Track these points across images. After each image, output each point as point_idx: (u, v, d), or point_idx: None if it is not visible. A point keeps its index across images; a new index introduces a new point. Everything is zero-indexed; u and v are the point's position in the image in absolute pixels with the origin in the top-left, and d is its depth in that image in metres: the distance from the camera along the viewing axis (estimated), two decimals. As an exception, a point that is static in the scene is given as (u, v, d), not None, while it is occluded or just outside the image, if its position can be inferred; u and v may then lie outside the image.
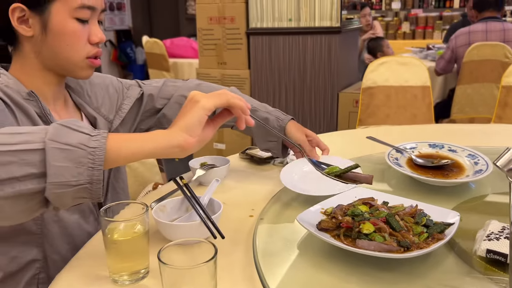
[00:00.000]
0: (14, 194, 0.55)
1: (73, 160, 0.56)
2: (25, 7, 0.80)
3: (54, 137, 0.56)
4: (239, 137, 2.81)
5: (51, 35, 0.82)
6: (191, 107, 0.67)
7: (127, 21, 6.79)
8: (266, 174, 1.14)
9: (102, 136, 0.59)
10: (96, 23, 0.87)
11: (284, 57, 2.65)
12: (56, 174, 0.55)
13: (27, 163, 0.55)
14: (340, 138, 1.53)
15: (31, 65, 0.85)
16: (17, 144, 0.55)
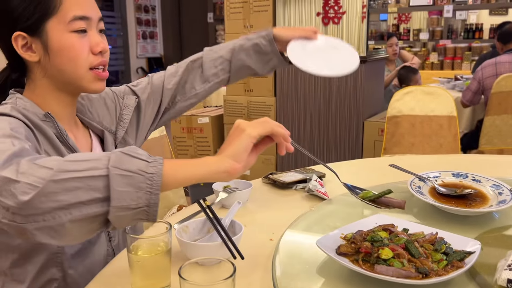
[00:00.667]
0: (81, 217, 0.59)
1: (133, 185, 0.60)
2: (25, 34, 0.83)
3: (116, 164, 0.60)
4: (264, 164, 2.83)
5: (53, 54, 0.84)
6: (237, 135, 0.71)
7: (158, 49, 7.01)
8: (288, 199, 1.15)
9: (159, 163, 0.63)
10: (95, 33, 0.87)
11: (310, 85, 2.69)
12: (119, 199, 0.59)
13: (92, 189, 0.59)
14: (364, 165, 1.54)
15: (43, 88, 0.88)
16: (83, 171, 0.60)
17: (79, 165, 0.60)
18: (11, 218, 0.59)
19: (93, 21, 0.87)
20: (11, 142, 0.67)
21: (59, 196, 0.58)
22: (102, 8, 6.31)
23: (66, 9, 0.83)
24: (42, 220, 0.58)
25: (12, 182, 0.59)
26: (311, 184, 1.15)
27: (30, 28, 0.83)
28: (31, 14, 0.82)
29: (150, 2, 6.81)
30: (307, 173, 1.26)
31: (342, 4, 2.62)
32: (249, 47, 1.10)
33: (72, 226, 0.60)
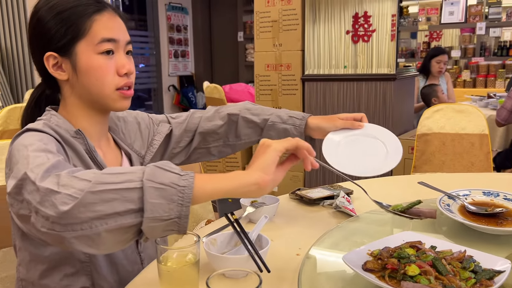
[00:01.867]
0: (116, 227, 0.63)
1: (166, 198, 0.63)
2: (56, 54, 0.88)
3: (150, 177, 0.64)
4: (292, 180, 2.83)
5: (81, 74, 0.89)
6: (264, 151, 0.75)
7: (190, 68, 7.15)
8: (315, 215, 1.16)
9: (190, 176, 0.66)
10: (122, 55, 0.92)
11: (339, 102, 2.69)
12: (152, 210, 0.63)
13: (127, 200, 0.63)
14: (393, 183, 1.53)
15: (73, 106, 0.93)
16: (120, 183, 0.63)
17: (116, 177, 0.64)
18: (50, 227, 0.63)
19: (121, 44, 0.91)
20: (46, 156, 0.71)
21: (97, 207, 0.62)
22: (136, 28, 6.52)
23: (95, 32, 0.88)
24: (80, 229, 0.62)
25: (53, 193, 0.63)
26: (338, 201, 1.16)
27: (61, 49, 0.88)
28: (63, 36, 0.87)
29: (183, 22, 6.98)
30: (335, 190, 1.27)
31: (372, 22, 2.63)
32: (280, 129, 1.13)
33: (107, 235, 0.63)
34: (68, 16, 0.88)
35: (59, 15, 0.88)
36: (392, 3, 2.57)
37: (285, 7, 2.73)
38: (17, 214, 0.70)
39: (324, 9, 2.70)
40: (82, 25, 0.87)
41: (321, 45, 2.72)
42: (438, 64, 3.82)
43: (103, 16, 0.89)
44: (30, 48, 0.93)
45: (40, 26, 0.89)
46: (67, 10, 0.88)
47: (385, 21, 2.61)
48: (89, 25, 0.88)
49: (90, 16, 0.88)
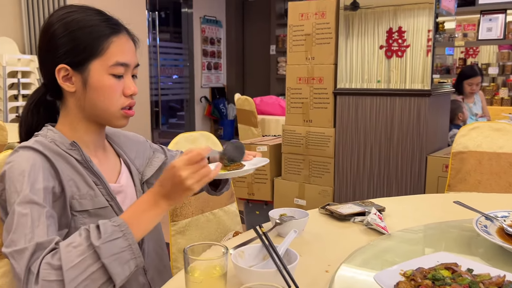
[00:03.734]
0: None
1: (123, 262, 0.78)
2: (68, 67, 0.93)
3: (105, 255, 0.76)
4: (321, 195, 2.80)
5: (90, 90, 0.93)
6: (178, 186, 0.83)
7: (222, 80, 7.23)
8: (345, 231, 1.13)
9: (128, 232, 0.80)
10: (130, 77, 0.97)
11: (371, 117, 2.66)
12: (119, 276, 0.77)
13: (98, 278, 0.76)
14: (427, 201, 1.48)
15: (74, 116, 0.97)
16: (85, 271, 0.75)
17: (80, 270, 0.74)
18: None
19: (131, 67, 0.97)
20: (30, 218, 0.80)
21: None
22: (171, 40, 6.65)
23: (110, 54, 0.93)
24: None
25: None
26: (370, 217, 1.13)
27: (75, 64, 0.92)
28: (80, 52, 0.92)
29: (216, 35, 7.08)
30: (366, 206, 1.24)
31: (406, 38, 2.59)
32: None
33: None
34: (86, 34, 0.92)
35: (75, 32, 0.92)
36: (428, 18, 2.53)
37: (319, 20, 2.73)
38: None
39: (358, 24, 2.68)
40: (99, 44, 0.92)
41: (353, 59, 2.70)
42: (470, 86, 3.76)
43: (120, 39, 0.94)
44: (39, 57, 0.97)
45: (54, 40, 0.93)
46: (85, 28, 0.92)
47: (420, 36, 2.57)
48: (106, 46, 0.92)
49: (108, 37, 0.93)
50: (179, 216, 1.47)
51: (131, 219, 0.82)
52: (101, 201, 0.94)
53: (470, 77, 3.77)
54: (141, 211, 0.84)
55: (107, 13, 0.98)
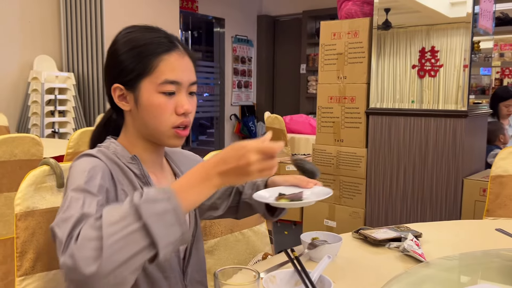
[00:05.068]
0: (137, 265, 0.69)
1: (167, 224, 0.70)
2: (122, 87, 0.94)
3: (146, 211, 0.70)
4: (351, 217, 2.74)
5: (141, 109, 0.93)
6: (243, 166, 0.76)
7: (252, 98, 7.26)
8: (380, 257, 1.09)
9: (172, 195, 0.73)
10: (183, 95, 0.94)
11: (405, 138, 2.59)
12: (162, 240, 0.69)
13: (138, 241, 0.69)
14: (465, 227, 1.42)
15: (132, 134, 0.98)
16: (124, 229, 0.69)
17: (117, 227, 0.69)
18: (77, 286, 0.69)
19: (183, 85, 0.94)
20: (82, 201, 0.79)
21: (116, 256, 0.67)
22: (203, 59, 6.75)
23: (160, 72, 0.92)
24: (107, 283, 0.67)
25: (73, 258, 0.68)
26: (406, 244, 1.08)
27: (127, 83, 0.93)
28: (131, 71, 0.92)
29: (247, 54, 7.15)
30: (402, 231, 1.19)
31: (439, 57, 2.54)
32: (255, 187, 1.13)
33: (129, 275, 0.69)
34: (140, 52, 0.92)
35: (132, 50, 0.93)
36: (464, 38, 2.47)
37: (352, 40, 2.71)
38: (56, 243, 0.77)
39: (390, 43, 2.65)
40: (149, 63, 0.92)
41: (385, 78, 2.66)
42: (507, 108, 3.66)
43: (171, 57, 0.93)
44: (103, 75, 1.00)
45: (115, 57, 0.95)
46: (140, 46, 0.93)
47: (454, 56, 2.51)
48: (156, 64, 0.92)
49: (158, 55, 0.92)
50: (208, 235, 1.45)
51: (178, 189, 0.76)
52: None
53: (506, 99, 3.67)
54: (191, 184, 0.77)
55: (165, 31, 0.98)
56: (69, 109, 4.46)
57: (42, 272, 1.01)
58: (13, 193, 1.97)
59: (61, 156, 2.40)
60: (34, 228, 1.00)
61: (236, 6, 6.91)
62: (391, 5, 2.64)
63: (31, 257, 0.99)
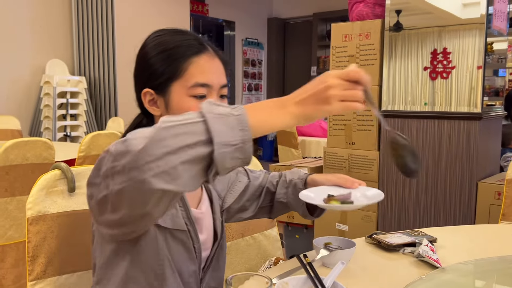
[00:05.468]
0: (189, 159, 0.64)
1: (227, 125, 0.66)
2: (152, 91, 0.92)
3: (209, 110, 0.67)
4: (363, 220, 2.71)
5: (172, 113, 0.90)
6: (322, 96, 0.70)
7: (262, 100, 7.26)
8: (394, 263, 1.07)
9: (240, 107, 0.68)
10: (214, 98, 0.92)
11: (417, 140, 2.56)
12: (219, 135, 0.65)
13: (195, 132, 0.65)
14: (481, 232, 1.39)
15: None
16: (184, 120, 0.66)
17: (178, 117, 0.66)
18: (128, 177, 0.65)
19: (214, 88, 0.92)
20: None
21: (168, 141, 0.64)
22: (213, 62, 6.75)
23: (190, 75, 0.89)
24: (156, 167, 0.63)
25: (126, 142, 0.66)
26: (421, 249, 1.06)
27: (157, 87, 0.91)
28: (160, 74, 0.90)
29: (258, 57, 7.15)
30: (416, 236, 1.17)
31: (451, 59, 2.51)
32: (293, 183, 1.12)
33: (183, 168, 0.64)
34: (169, 55, 0.90)
35: (161, 53, 0.91)
36: (477, 39, 2.44)
37: (363, 42, 2.69)
38: (97, 202, 0.73)
39: (401, 45, 2.62)
40: (179, 66, 0.89)
41: (396, 81, 2.63)
42: None
43: (201, 59, 0.91)
44: (134, 79, 0.96)
45: (144, 61, 0.93)
46: (170, 49, 0.91)
47: (466, 57, 2.48)
48: (186, 67, 0.90)
49: (188, 58, 0.90)
50: (219, 239, 1.44)
51: (248, 107, 0.71)
52: (180, 223, 0.92)
53: None
54: (263, 106, 0.72)
55: (193, 33, 0.96)
56: (80, 112, 4.49)
57: (53, 277, 1.01)
58: (25, 197, 1.98)
59: (72, 160, 2.41)
60: (45, 232, 1.00)
61: (246, 9, 6.92)
62: (402, 7, 2.62)
63: (43, 261, 0.99)
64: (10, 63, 4.35)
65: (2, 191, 1.91)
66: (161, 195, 0.66)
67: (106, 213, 0.73)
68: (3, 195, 1.92)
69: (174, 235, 0.91)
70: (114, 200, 0.70)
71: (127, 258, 0.87)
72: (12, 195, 1.95)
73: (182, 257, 0.93)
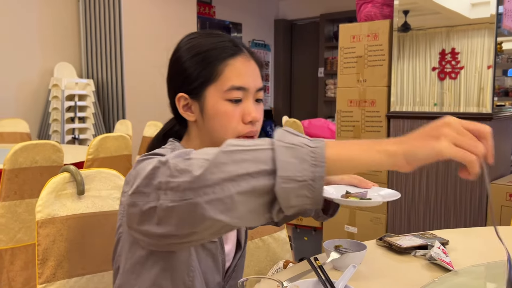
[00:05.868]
0: (248, 189, 0.59)
1: (297, 157, 0.59)
2: (187, 96, 0.89)
3: (280, 138, 0.62)
4: (372, 222, 2.69)
5: (207, 118, 0.88)
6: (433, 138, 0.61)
7: (269, 102, 7.25)
8: (406, 266, 1.05)
9: (320, 140, 0.62)
10: (250, 102, 0.89)
11: (427, 142, 2.54)
12: (284, 168, 0.58)
13: (259, 161, 0.60)
14: (493, 234, 1.37)
15: (195, 145, 0.92)
16: (249, 145, 0.62)
17: (245, 142, 0.63)
18: (181, 197, 0.61)
19: (250, 92, 0.89)
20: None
21: (228, 167, 0.59)
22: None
23: (225, 78, 0.86)
24: (212, 193, 0.59)
25: (186, 161, 0.62)
26: (433, 252, 1.04)
27: (192, 91, 0.88)
28: (195, 78, 0.87)
29: (265, 58, 7.15)
30: (428, 239, 1.15)
31: (460, 59, 2.49)
32: None
33: (240, 200, 0.60)
34: (203, 58, 0.87)
35: (195, 56, 0.88)
36: (486, 39, 2.41)
37: (371, 42, 2.67)
38: (141, 211, 0.68)
39: (409, 45, 2.60)
40: (214, 69, 0.86)
41: (404, 81, 2.61)
42: None
43: (236, 61, 0.88)
44: (167, 84, 0.94)
45: (178, 65, 0.90)
46: (203, 52, 0.88)
47: (474, 57, 2.46)
48: (221, 69, 0.86)
49: (223, 60, 0.87)
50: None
51: (330, 142, 0.63)
52: None
53: None
54: (350, 142, 0.64)
55: (228, 36, 0.93)
56: (88, 115, 4.51)
57: (63, 280, 1.01)
58: (35, 200, 1.99)
59: (81, 163, 2.42)
60: (55, 235, 1.00)
61: (253, 11, 6.92)
62: (410, 7, 2.60)
63: (52, 264, 0.99)
64: (19, 67, 4.39)
65: (12, 194, 1.92)
66: (212, 223, 0.62)
67: (149, 225, 0.69)
68: (13, 197, 1.93)
69: (204, 246, 0.89)
70: (162, 215, 0.66)
71: (158, 266, 0.83)
72: (21, 198, 1.96)
73: (210, 268, 0.91)
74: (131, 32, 4.58)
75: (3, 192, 1.90)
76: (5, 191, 1.90)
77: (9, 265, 1.94)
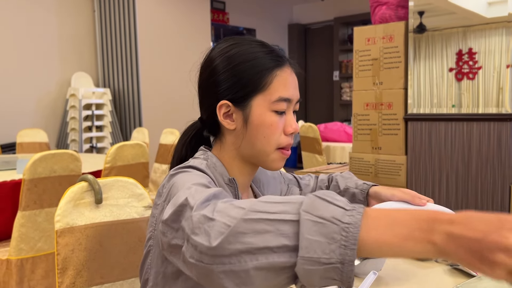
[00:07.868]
0: (266, 265, 0.54)
1: (325, 235, 0.52)
2: (230, 104, 0.86)
3: (309, 209, 0.54)
4: (392, 226, 2.65)
5: (251, 128, 0.86)
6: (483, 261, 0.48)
7: (284, 107, 7.24)
8: (427, 272, 1.03)
9: (358, 212, 0.53)
10: (291, 114, 0.89)
11: (446, 144, 2.50)
12: (307, 248, 0.52)
13: (282, 234, 0.54)
14: None
15: (229, 155, 0.90)
16: (274, 213, 0.55)
17: (272, 206, 0.56)
18: (198, 258, 0.58)
19: (293, 103, 0.89)
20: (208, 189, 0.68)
21: (248, 238, 0.54)
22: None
23: (274, 89, 0.85)
24: (228, 263, 0.55)
25: (207, 220, 0.58)
26: (455, 257, 1.02)
27: (236, 100, 0.86)
28: (242, 87, 0.85)
29: (278, 63, 7.15)
30: (450, 243, 1.13)
31: (477, 59, 2.45)
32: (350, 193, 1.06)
33: (256, 274, 0.55)
34: (249, 68, 0.86)
35: (238, 66, 0.86)
36: (505, 38, 2.37)
37: (387, 44, 2.65)
38: (169, 244, 0.66)
39: (425, 47, 2.57)
40: (262, 79, 0.85)
41: (421, 83, 2.58)
42: None
43: (283, 72, 0.87)
44: (199, 93, 0.92)
45: (216, 75, 0.87)
46: (248, 61, 0.86)
47: (492, 57, 2.41)
48: (270, 80, 0.85)
49: (272, 70, 0.86)
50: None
51: (375, 212, 0.54)
52: None
53: None
54: (396, 219, 0.53)
55: (271, 45, 0.92)
56: (106, 124, 4.56)
57: (82, 289, 1.01)
58: (54, 209, 2.01)
59: (99, 171, 2.44)
60: (73, 244, 1.00)
61: (266, 16, 6.93)
62: (425, 8, 2.57)
63: (72, 273, 1.00)
64: (37, 78, 4.47)
65: (31, 203, 1.95)
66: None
67: (175, 257, 0.66)
68: (32, 207, 1.95)
69: None
70: (185, 259, 0.62)
71: (191, 281, 0.80)
72: (41, 207, 1.98)
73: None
74: (146, 40, 4.63)
75: (23, 201, 1.92)
76: (25, 200, 1.93)
77: (30, 274, 1.96)
